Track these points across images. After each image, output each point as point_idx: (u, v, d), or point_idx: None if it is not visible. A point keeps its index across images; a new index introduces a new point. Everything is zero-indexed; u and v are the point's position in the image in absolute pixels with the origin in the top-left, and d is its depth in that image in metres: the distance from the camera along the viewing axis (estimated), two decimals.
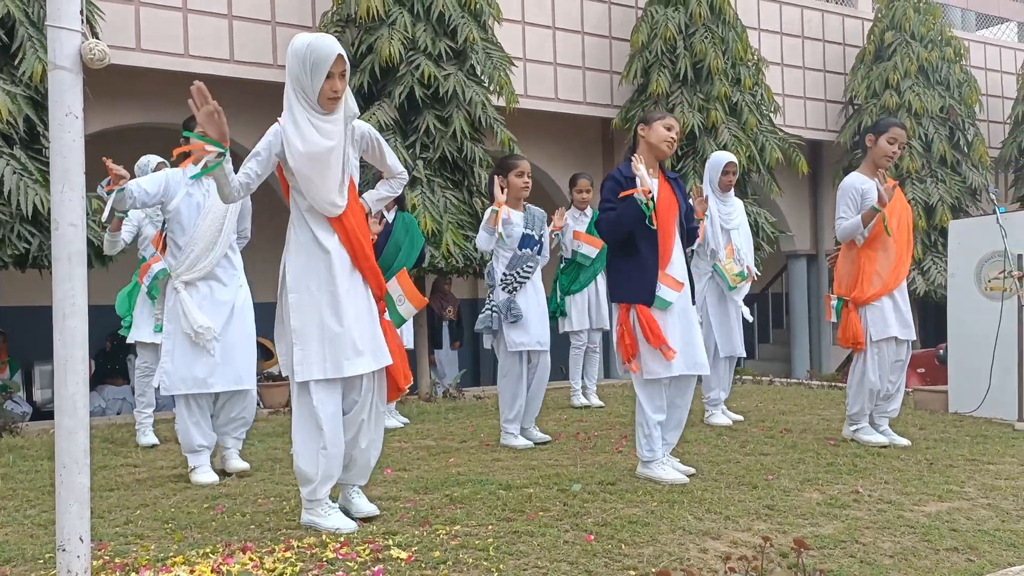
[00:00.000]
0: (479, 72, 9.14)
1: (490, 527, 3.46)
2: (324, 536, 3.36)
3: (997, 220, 6.19)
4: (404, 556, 3.10)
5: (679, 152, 10.93)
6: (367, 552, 3.14)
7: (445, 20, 8.91)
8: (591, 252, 7.03)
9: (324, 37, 3.42)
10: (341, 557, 3.09)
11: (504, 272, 5.46)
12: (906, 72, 13.02)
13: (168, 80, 8.92)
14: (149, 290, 5.72)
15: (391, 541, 3.28)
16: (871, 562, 3.18)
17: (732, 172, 6.29)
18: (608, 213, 4.40)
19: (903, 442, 5.40)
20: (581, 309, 7.25)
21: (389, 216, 6.14)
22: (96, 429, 6.21)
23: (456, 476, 4.44)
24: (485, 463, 4.87)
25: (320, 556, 3.12)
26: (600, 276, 7.22)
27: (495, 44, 9.36)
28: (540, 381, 5.61)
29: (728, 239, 6.27)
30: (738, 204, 6.46)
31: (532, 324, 5.45)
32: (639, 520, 3.56)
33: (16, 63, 6.87)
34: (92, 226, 6.56)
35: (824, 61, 13.61)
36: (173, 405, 5.08)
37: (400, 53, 8.62)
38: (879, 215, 5.19)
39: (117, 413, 9.99)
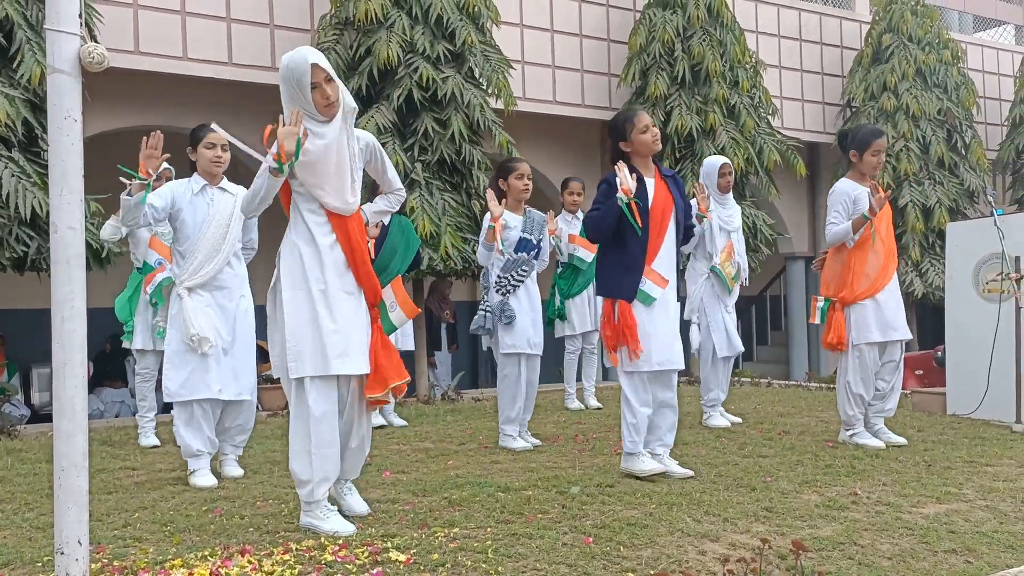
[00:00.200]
0: (477, 75, 9.15)
1: (489, 529, 3.46)
2: (323, 539, 3.36)
3: (995, 222, 6.21)
4: (403, 558, 3.10)
5: (677, 154, 10.95)
6: (366, 554, 3.15)
7: (443, 23, 8.92)
8: (587, 256, 7.04)
9: (297, 51, 3.50)
10: (340, 560, 3.10)
11: (499, 275, 5.48)
12: (904, 75, 13.04)
13: (167, 83, 8.93)
14: (151, 297, 5.71)
15: (390, 543, 3.28)
16: (869, 564, 3.18)
17: (729, 173, 6.42)
18: (592, 212, 4.52)
19: (900, 441, 5.42)
20: (581, 312, 7.26)
21: (385, 219, 6.13)
22: (94, 432, 6.20)
23: (455, 478, 4.44)
24: (484, 465, 4.88)
25: (319, 559, 3.12)
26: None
27: (493, 47, 9.37)
28: (530, 385, 5.59)
29: (727, 240, 6.35)
30: (736, 206, 6.54)
31: (525, 327, 5.46)
32: (638, 522, 3.56)
33: (15, 66, 6.87)
34: (91, 229, 6.57)
35: (822, 64, 13.62)
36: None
37: (398, 56, 8.63)
38: (868, 223, 5.27)
39: (115, 416, 9.99)
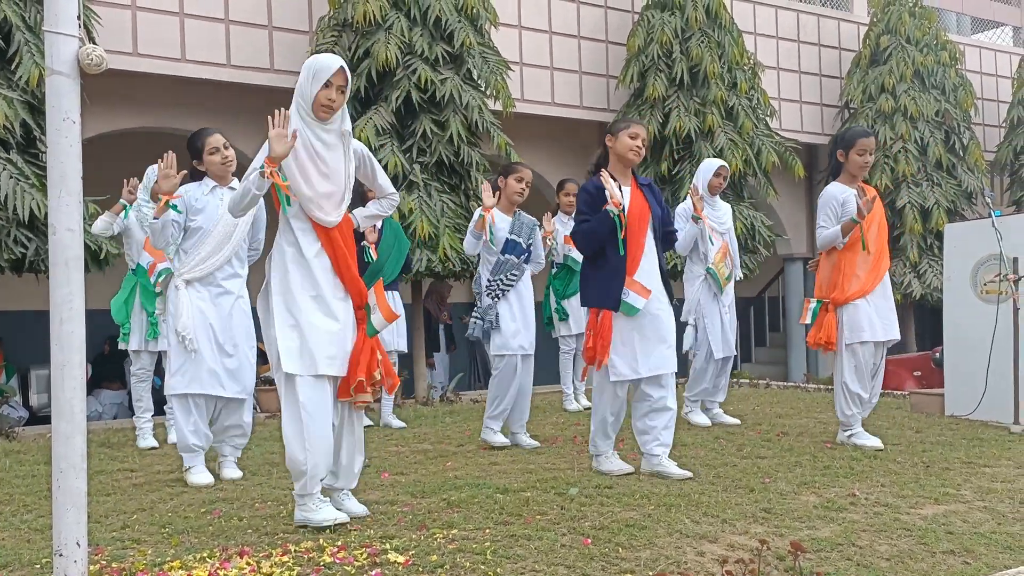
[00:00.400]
0: (476, 76, 9.15)
1: (487, 531, 3.46)
2: (321, 540, 3.36)
3: (993, 224, 6.21)
4: (401, 560, 3.10)
5: (675, 156, 10.95)
6: (364, 556, 3.15)
7: (442, 25, 8.93)
8: (581, 257, 7.04)
9: (332, 55, 3.68)
10: (338, 561, 3.10)
11: (489, 279, 5.51)
12: (902, 76, 13.06)
13: (165, 84, 8.93)
14: (155, 283, 5.70)
15: (388, 545, 3.28)
16: (868, 565, 3.18)
17: (723, 175, 6.44)
18: (582, 225, 4.56)
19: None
20: (577, 313, 7.27)
21: (377, 223, 6.19)
22: (93, 433, 6.20)
23: (453, 480, 4.44)
24: (482, 467, 4.88)
25: (317, 560, 3.12)
26: None
27: (492, 48, 9.38)
28: (524, 386, 5.58)
29: (722, 241, 6.36)
30: (726, 207, 6.56)
31: (515, 329, 5.48)
32: (636, 523, 3.56)
33: (13, 68, 6.87)
34: (89, 231, 6.56)
35: (820, 65, 13.64)
36: (166, 405, 5.11)
37: (397, 57, 8.63)
38: (857, 226, 5.29)
39: (114, 417, 9.98)
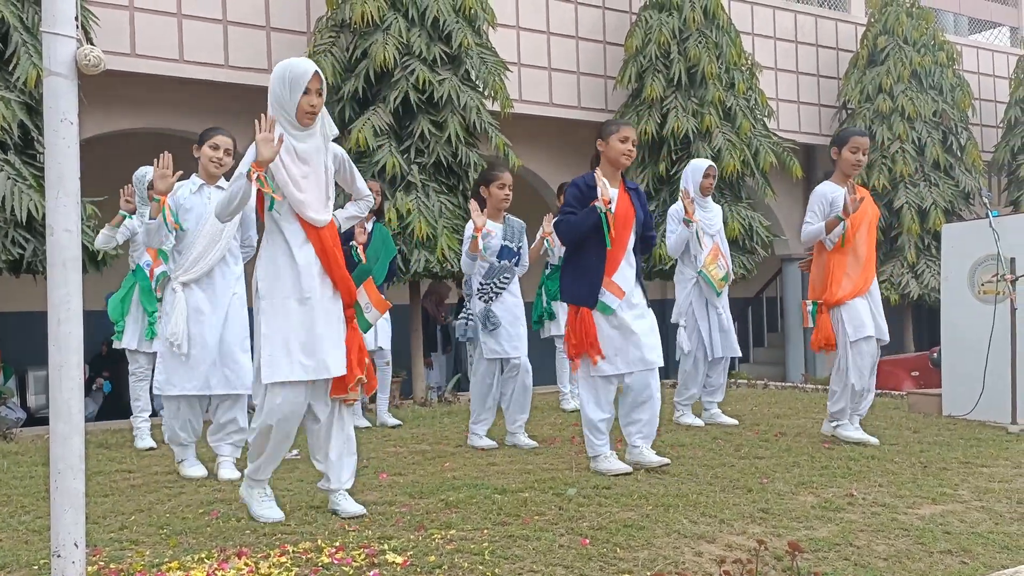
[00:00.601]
0: (474, 77, 9.15)
1: (485, 531, 3.47)
2: (319, 541, 3.36)
3: (990, 224, 6.22)
4: (400, 560, 3.10)
5: (673, 156, 10.95)
6: (362, 557, 3.15)
7: (440, 25, 8.93)
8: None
9: (305, 59, 3.73)
10: (336, 562, 3.10)
11: (481, 282, 5.53)
12: (899, 76, 13.08)
13: (163, 85, 8.92)
14: (155, 286, 5.73)
15: (386, 546, 3.28)
16: (865, 565, 3.19)
17: (712, 176, 6.44)
18: (568, 216, 4.61)
19: (873, 441, 5.48)
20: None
21: (368, 225, 6.39)
22: (91, 434, 6.20)
23: (451, 480, 4.44)
24: (480, 467, 4.88)
25: (315, 561, 3.12)
26: None
27: (490, 49, 9.38)
28: (523, 386, 5.58)
29: (712, 242, 6.35)
30: (717, 209, 6.56)
31: (508, 332, 5.51)
32: (634, 524, 3.56)
33: (11, 69, 6.87)
34: (87, 231, 6.57)
35: (818, 66, 13.65)
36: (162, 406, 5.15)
37: (395, 58, 8.63)
38: (842, 224, 5.32)
39: (91, 413, 9.99)
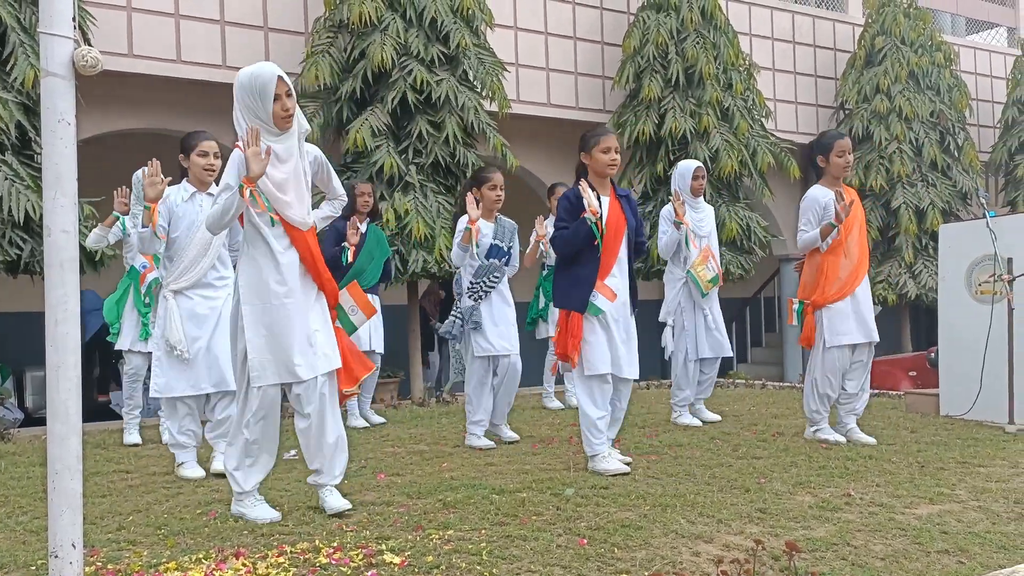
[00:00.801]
0: (472, 77, 9.16)
1: (483, 531, 3.47)
2: (317, 541, 3.36)
3: (987, 224, 6.23)
4: (397, 561, 3.10)
5: (671, 157, 10.95)
6: (360, 557, 3.15)
7: (437, 26, 8.93)
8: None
9: (261, 64, 3.70)
10: (334, 562, 3.10)
11: (471, 281, 5.60)
12: (896, 77, 13.09)
13: (161, 85, 8.92)
14: (144, 296, 5.85)
15: (384, 546, 3.28)
16: (863, 564, 3.19)
17: (702, 177, 6.42)
18: (562, 231, 4.71)
19: (869, 440, 5.48)
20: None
21: (363, 227, 6.47)
22: (88, 435, 6.19)
23: (449, 481, 4.44)
24: (478, 468, 4.88)
25: (313, 561, 3.12)
26: None
27: (487, 49, 9.38)
28: (511, 381, 5.75)
29: (702, 244, 6.34)
30: (709, 210, 6.54)
31: (498, 330, 5.59)
32: (632, 524, 3.56)
33: (8, 69, 6.86)
34: (84, 232, 6.57)
35: (815, 66, 13.66)
36: (160, 408, 5.19)
37: (392, 58, 8.63)
38: (836, 230, 5.37)
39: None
